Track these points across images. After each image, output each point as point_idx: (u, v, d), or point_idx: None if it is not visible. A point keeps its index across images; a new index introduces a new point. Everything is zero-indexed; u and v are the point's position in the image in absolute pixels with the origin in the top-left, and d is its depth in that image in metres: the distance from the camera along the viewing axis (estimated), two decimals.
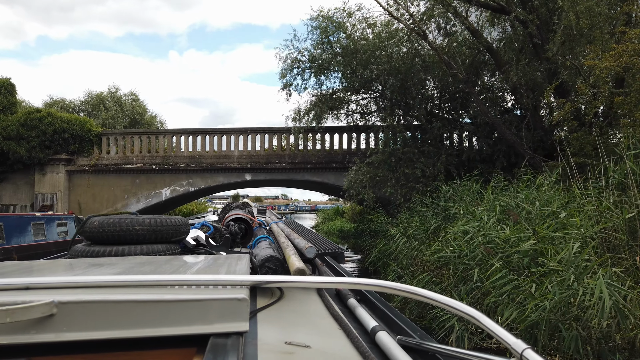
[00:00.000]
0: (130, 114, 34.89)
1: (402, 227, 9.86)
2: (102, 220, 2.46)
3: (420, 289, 1.10)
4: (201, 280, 1.10)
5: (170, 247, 2.53)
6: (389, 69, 13.55)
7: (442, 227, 8.42)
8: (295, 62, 14.88)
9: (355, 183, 13.41)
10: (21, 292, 1.02)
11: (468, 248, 5.94)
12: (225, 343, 0.92)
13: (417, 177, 12.94)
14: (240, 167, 17.38)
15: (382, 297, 1.68)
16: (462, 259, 6.03)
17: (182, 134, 18.26)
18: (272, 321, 1.25)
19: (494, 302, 4.89)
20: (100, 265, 1.59)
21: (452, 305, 1.03)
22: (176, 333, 0.95)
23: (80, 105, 35.84)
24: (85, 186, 18.23)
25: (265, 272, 1.88)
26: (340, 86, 14.96)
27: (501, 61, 13.12)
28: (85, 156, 18.40)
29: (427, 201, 10.92)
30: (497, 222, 6.21)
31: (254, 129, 17.85)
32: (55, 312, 0.91)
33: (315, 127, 16.15)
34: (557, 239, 4.94)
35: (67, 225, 12.99)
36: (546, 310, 3.97)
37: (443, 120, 14.00)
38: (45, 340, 0.91)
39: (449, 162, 13.23)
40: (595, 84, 8.37)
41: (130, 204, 17.98)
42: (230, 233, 3.25)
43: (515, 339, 0.85)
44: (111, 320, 0.93)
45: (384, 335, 1.18)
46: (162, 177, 17.95)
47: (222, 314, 0.97)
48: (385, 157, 13.46)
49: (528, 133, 12.47)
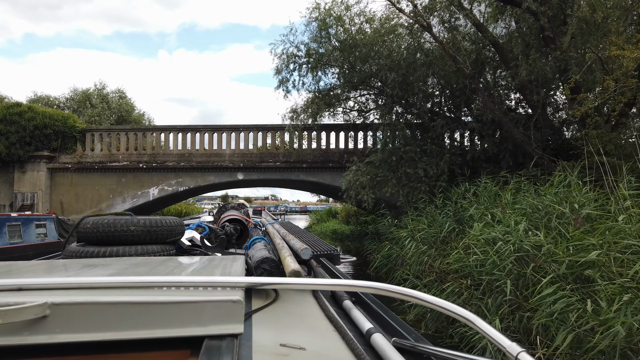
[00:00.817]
0: (117, 111, 34.06)
1: (409, 230, 9.18)
2: (96, 220, 2.43)
3: (414, 290, 1.10)
4: (196, 282, 1.10)
5: (165, 248, 2.51)
6: (390, 64, 12.91)
7: (456, 231, 7.77)
8: (291, 58, 14.17)
9: (355, 184, 12.73)
10: (14, 293, 1.00)
11: (497, 256, 5.27)
12: (219, 345, 0.91)
13: (420, 177, 12.32)
14: (232, 166, 16.61)
15: (377, 299, 1.65)
16: (488, 268, 5.37)
17: (171, 131, 17.43)
18: (267, 323, 1.25)
19: (542, 322, 4.20)
20: (94, 266, 1.58)
21: (447, 308, 1.03)
22: (170, 335, 0.94)
23: (66, 102, 34.82)
24: (68, 185, 17.31)
25: (260, 273, 1.89)
26: (338, 82, 14.26)
27: (507, 57, 12.55)
28: (68, 153, 17.47)
29: (437, 202, 10.24)
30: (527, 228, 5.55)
31: (246, 126, 17.09)
32: (49, 313, 0.90)
33: (311, 125, 15.47)
34: (612, 248, 4.28)
35: (46, 226, 12.12)
36: (617, 336, 3.29)
37: (446, 118, 13.39)
38: (38, 342, 0.89)
39: (453, 162, 12.63)
40: (618, 78, 7.77)
41: (115, 204, 17.11)
42: (226, 234, 3.23)
43: (510, 341, 0.86)
44: (105, 321, 0.92)
45: (379, 337, 1.17)
46: (149, 176, 17.11)
47: (216, 316, 0.96)
48: (385, 156, 12.81)
49: (536, 132, 11.91)
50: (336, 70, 14.59)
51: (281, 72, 14.38)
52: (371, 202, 12.53)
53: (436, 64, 13.29)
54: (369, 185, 12.54)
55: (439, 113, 13.91)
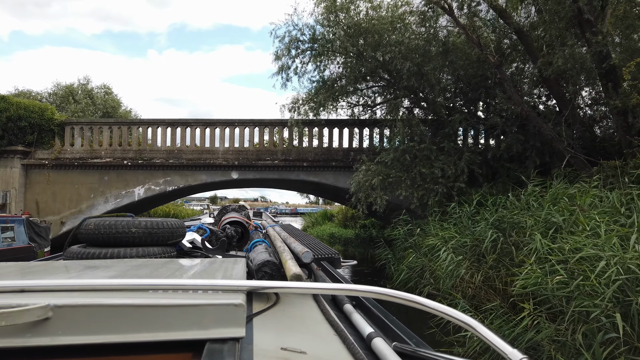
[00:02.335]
0: (102, 107, 32.55)
1: (441, 238, 7.88)
2: (98, 222, 2.44)
3: (416, 296, 1.09)
4: (198, 285, 1.08)
5: (166, 250, 2.53)
6: (405, 51, 11.65)
7: (501, 241, 6.54)
8: (293, 42, 12.81)
9: (364, 185, 11.42)
10: (16, 295, 0.99)
11: (595, 278, 4.00)
12: (221, 349, 0.91)
13: (436, 178, 11.07)
14: (226, 164, 15.20)
15: (377, 303, 1.65)
16: (577, 293, 4.09)
17: (159, 125, 15.95)
18: (268, 326, 1.25)
19: None
20: (96, 268, 1.59)
21: (448, 313, 1.03)
22: (172, 338, 0.94)
23: (48, 97, 33.12)
24: (44, 183, 15.75)
25: (261, 276, 1.89)
26: (344, 73, 12.94)
27: (531, 46, 11.37)
28: (46, 149, 15.92)
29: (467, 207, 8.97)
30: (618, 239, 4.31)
31: (242, 120, 15.68)
32: (51, 315, 0.90)
33: (314, 120, 14.14)
34: None
35: (14, 229, 10.60)
36: None
37: (463, 114, 12.17)
38: (40, 344, 0.89)
39: (472, 161, 11.41)
40: None
41: (96, 204, 15.60)
42: (227, 236, 3.24)
43: (512, 348, 0.86)
44: (107, 324, 0.92)
45: (380, 341, 1.16)
46: (134, 174, 15.63)
47: (218, 319, 0.96)
48: (398, 155, 11.53)
49: (567, 129, 10.75)
50: (342, 60, 13.29)
51: (281, 58, 13.03)
52: (383, 206, 11.25)
53: (453, 53, 12.08)
54: (380, 186, 11.25)
55: (454, 108, 12.68)
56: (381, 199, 11.18)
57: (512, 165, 11.50)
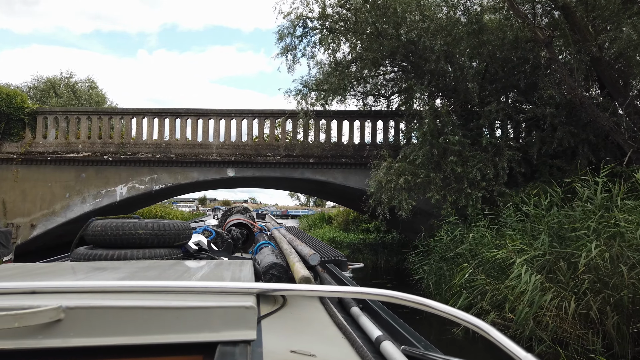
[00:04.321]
0: (86, 102, 30.59)
1: (518, 250, 6.11)
2: (105, 223, 2.41)
3: (426, 299, 1.05)
4: (208, 287, 1.07)
5: (173, 252, 2.50)
6: (434, 28, 9.94)
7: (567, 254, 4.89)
8: (300, 19, 11.04)
9: (387, 186, 9.65)
10: (27, 296, 0.98)
11: None
12: (233, 351, 0.89)
13: (475, 180, 9.33)
14: (221, 160, 13.37)
15: (385, 306, 1.59)
16: None
17: (144, 115, 14.06)
18: (277, 329, 1.23)
19: None
20: (104, 269, 1.57)
21: (460, 317, 1.00)
22: (183, 340, 0.92)
23: (28, 91, 30.99)
24: (12, 180, 13.77)
25: (269, 279, 1.89)
26: (361, 54, 11.20)
27: (580, 24, 9.74)
28: (14, 141, 13.95)
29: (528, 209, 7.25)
30: None
31: (240, 111, 13.86)
32: (63, 317, 0.89)
33: (321, 111, 12.38)
34: None
35: None
36: None
37: (500, 102, 10.48)
38: (52, 346, 0.88)
39: (513, 159, 9.73)
40: None
41: (72, 205, 13.67)
42: (232, 238, 3.22)
43: (526, 352, 0.83)
44: (119, 326, 0.90)
45: (389, 345, 1.14)
46: (116, 170, 13.74)
47: (229, 321, 0.94)
48: (426, 151, 9.78)
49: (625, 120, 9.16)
50: (355, 41, 11.56)
51: (284, 38, 11.26)
52: (408, 211, 9.50)
53: (488, 31, 10.42)
54: (405, 188, 9.47)
55: (488, 96, 11.01)
56: (407, 202, 9.43)
57: (558, 163, 9.86)
